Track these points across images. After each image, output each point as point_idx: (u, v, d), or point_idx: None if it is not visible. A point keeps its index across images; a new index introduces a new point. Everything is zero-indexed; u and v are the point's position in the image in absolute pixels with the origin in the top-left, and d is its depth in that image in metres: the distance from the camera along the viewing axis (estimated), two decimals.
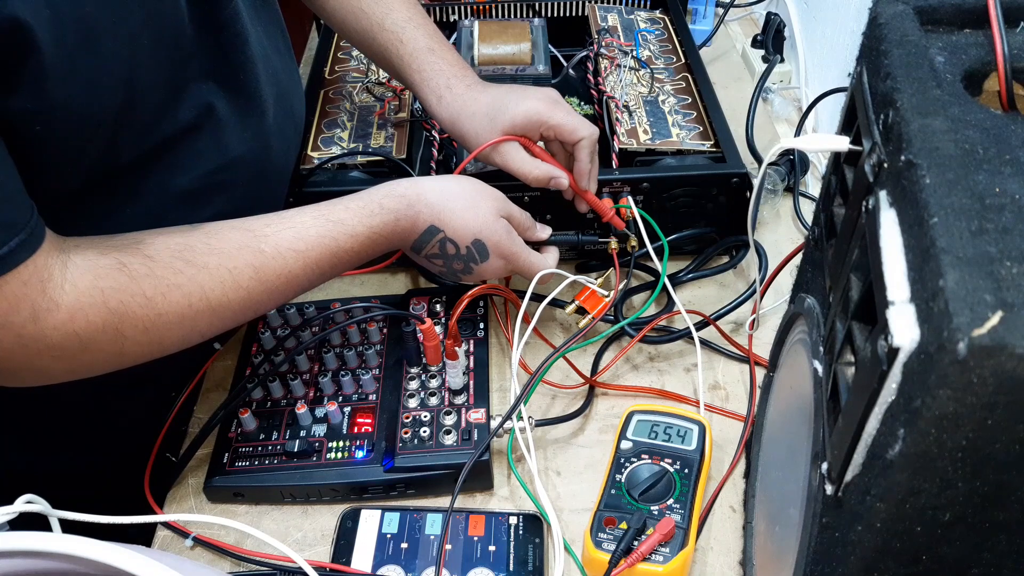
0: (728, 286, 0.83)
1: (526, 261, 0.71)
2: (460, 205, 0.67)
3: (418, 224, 0.66)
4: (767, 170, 0.88)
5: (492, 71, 0.94)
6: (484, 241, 0.67)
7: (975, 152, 0.34)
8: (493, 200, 0.69)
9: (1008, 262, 0.29)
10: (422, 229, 0.66)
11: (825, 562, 0.40)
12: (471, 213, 0.67)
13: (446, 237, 0.67)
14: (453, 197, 0.67)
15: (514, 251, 0.69)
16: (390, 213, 0.65)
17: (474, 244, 0.67)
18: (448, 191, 0.67)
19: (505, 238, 0.68)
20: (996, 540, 0.35)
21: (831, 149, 0.43)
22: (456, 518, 0.62)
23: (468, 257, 0.68)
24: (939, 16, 0.41)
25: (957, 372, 0.27)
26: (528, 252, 0.71)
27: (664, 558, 0.57)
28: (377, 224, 0.64)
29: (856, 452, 0.36)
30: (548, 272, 0.72)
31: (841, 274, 0.41)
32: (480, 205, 0.68)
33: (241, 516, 0.65)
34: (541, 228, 0.75)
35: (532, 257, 0.71)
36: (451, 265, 0.69)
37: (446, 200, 0.67)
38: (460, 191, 0.68)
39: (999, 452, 0.30)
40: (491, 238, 0.68)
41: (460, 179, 0.69)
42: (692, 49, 0.96)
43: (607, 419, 0.72)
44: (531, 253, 0.71)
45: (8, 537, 0.37)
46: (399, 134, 0.84)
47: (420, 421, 0.66)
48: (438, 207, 0.66)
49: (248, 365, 0.72)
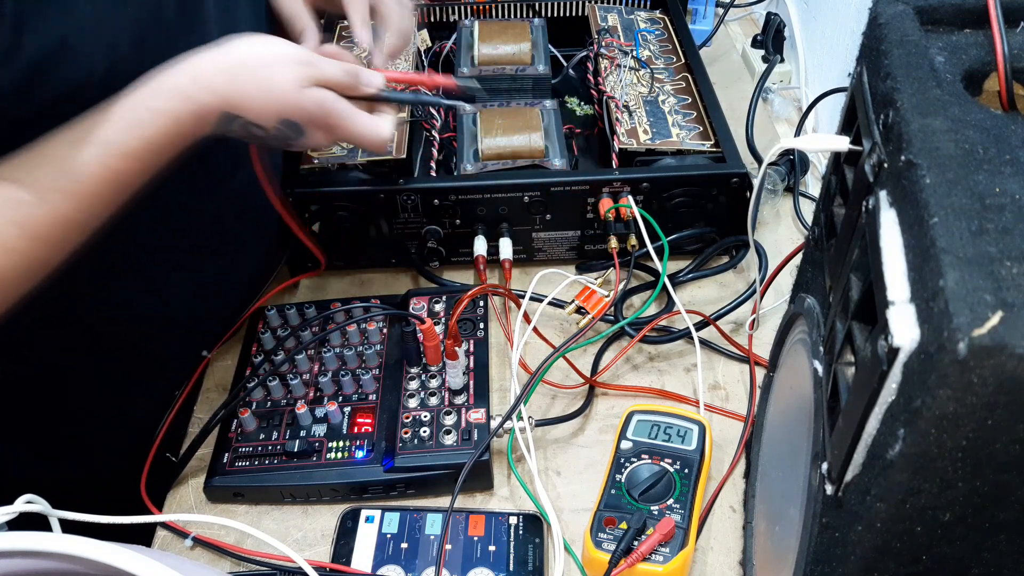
0: (728, 286, 0.83)
1: (353, 130, 0.61)
2: (251, 81, 0.56)
3: (205, 115, 0.56)
4: (767, 170, 0.88)
5: (492, 71, 0.94)
6: (292, 118, 0.58)
7: (975, 152, 0.34)
8: (293, 65, 0.58)
9: (1008, 262, 0.29)
10: (213, 120, 0.56)
11: (825, 562, 0.40)
12: (268, 90, 0.56)
13: (246, 121, 0.57)
14: (241, 72, 0.56)
15: (334, 121, 0.60)
16: (165, 115, 0.54)
17: (282, 123, 0.58)
18: (233, 66, 0.56)
19: (319, 109, 0.59)
20: (996, 540, 0.35)
21: (831, 149, 0.43)
22: (456, 518, 0.62)
23: (281, 136, 0.59)
24: (939, 16, 0.41)
25: (957, 372, 0.27)
26: (355, 120, 0.61)
27: (664, 558, 0.57)
28: (151, 133, 0.54)
29: (856, 452, 0.36)
30: (380, 139, 0.63)
31: (841, 274, 0.41)
32: (276, 77, 0.57)
33: (241, 516, 0.65)
34: (368, 81, 0.63)
35: (359, 125, 0.61)
36: (270, 143, 0.61)
37: (233, 79, 0.56)
38: (249, 61, 0.57)
39: (999, 452, 0.30)
40: (300, 113, 0.58)
41: (249, 43, 0.58)
42: (692, 49, 0.96)
43: (607, 419, 0.72)
44: (358, 119, 0.61)
45: (8, 537, 0.37)
46: (399, 134, 0.84)
47: (420, 421, 0.66)
48: (223, 89, 0.55)
49: (248, 365, 0.73)
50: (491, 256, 0.81)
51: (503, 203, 0.79)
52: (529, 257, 0.84)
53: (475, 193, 0.78)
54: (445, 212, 0.79)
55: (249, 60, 0.57)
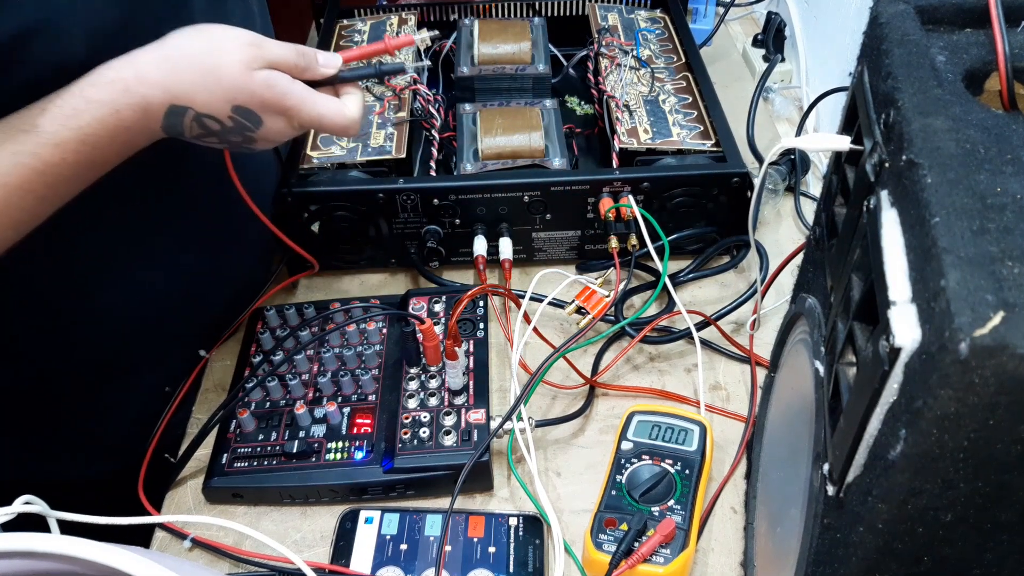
0: (729, 286, 0.83)
1: (313, 112, 0.59)
2: (195, 69, 0.54)
3: (151, 109, 0.54)
4: (768, 170, 0.87)
5: (492, 70, 0.94)
6: (244, 105, 0.56)
7: (976, 152, 0.34)
8: (238, 49, 0.56)
9: (1010, 262, 0.29)
10: (161, 114, 0.54)
11: (827, 563, 0.40)
12: (214, 77, 0.54)
13: (198, 114, 0.55)
14: (183, 62, 0.54)
15: (291, 104, 0.58)
16: (103, 106, 0.52)
17: (236, 112, 0.56)
18: (175, 57, 0.54)
19: (270, 92, 0.56)
20: (998, 541, 0.35)
21: (832, 149, 0.43)
22: (456, 519, 0.62)
23: (238, 128, 0.57)
24: (940, 15, 0.41)
25: (959, 372, 0.27)
26: (315, 101, 0.59)
27: (665, 559, 0.57)
28: (88, 123, 0.52)
29: (858, 453, 0.35)
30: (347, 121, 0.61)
31: (842, 274, 0.41)
32: (223, 62, 0.55)
33: (240, 517, 0.65)
34: (324, 61, 0.61)
35: (320, 107, 0.59)
36: (228, 140, 0.58)
37: (176, 70, 0.54)
38: (192, 52, 0.55)
39: (1001, 452, 0.30)
40: (251, 99, 0.56)
41: (192, 32, 0.56)
42: (692, 48, 0.96)
43: (607, 420, 0.71)
44: (318, 101, 0.59)
45: (7, 538, 0.37)
46: (399, 133, 0.84)
47: (420, 422, 0.66)
48: (167, 82, 0.54)
49: (247, 365, 0.72)
50: (491, 256, 0.81)
51: (503, 203, 0.79)
52: (529, 257, 0.84)
53: (475, 193, 0.78)
54: (445, 212, 0.79)
55: (192, 49, 0.55)
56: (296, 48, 0.59)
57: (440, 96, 0.92)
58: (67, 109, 0.51)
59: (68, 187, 0.54)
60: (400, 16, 1.01)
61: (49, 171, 0.51)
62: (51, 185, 0.52)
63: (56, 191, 0.53)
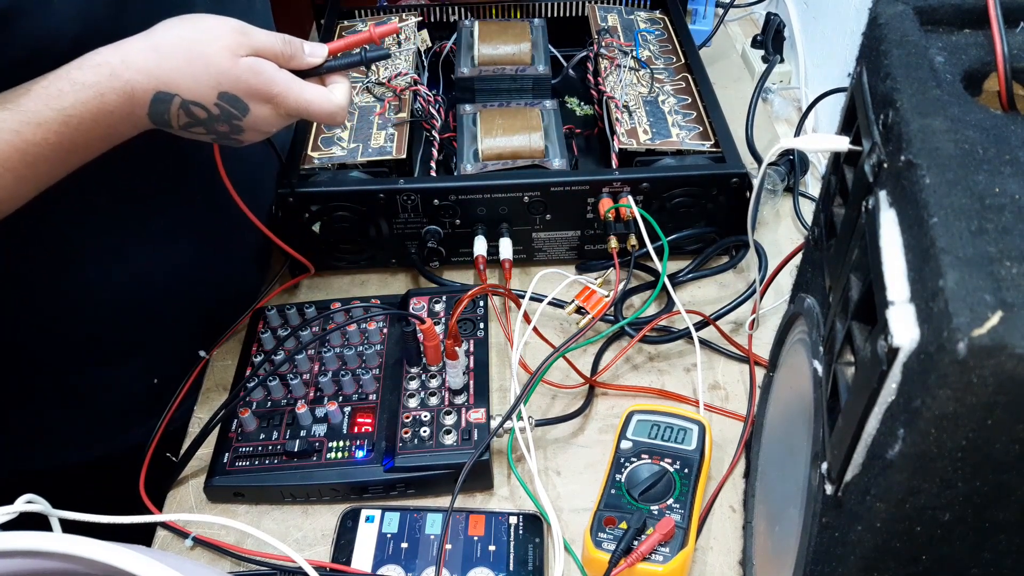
0: (728, 286, 0.83)
1: (300, 100, 0.59)
2: (181, 55, 0.55)
3: (136, 95, 0.54)
4: (767, 170, 0.88)
5: (492, 71, 0.94)
6: (230, 91, 0.56)
7: (975, 152, 0.34)
8: (224, 35, 0.56)
9: (1008, 262, 0.29)
10: (147, 100, 0.55)
11: (825, 562, 0.40)
12: (200, 63, 0.55)
13: (185, 100, 0.56)
14: (170, 50, 0.55)
15: (277, 91, 0.58)
16: (87, 88, 0.53)
17: (222, 98, 0.56)
18: (162, 45, 0.55)
19: (256, 79, 0.57)
20: (996, 540, 0.35)
21: (831, 149, 0.43)
22: (456, 518, 0.62)
23: (225, 116, 0.57)
24: (939, 16, 0.41)
25: (957, 372, 0.27)
26: (301, 88, 0.59)
27: (664, 558, 0.57)
28: (71, 105, 0.52)
29: (856, 452, 0.36)
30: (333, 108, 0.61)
31: (841, 274, 0.41)
32: (208, 49, 0.55)
33: (241, 516, 0.65)
34: (310, 51, 0.61)
35: (307, 93, 0.60)
36: (216, 130, 0.58)
37: (162, 57, 0.54)
38: (178, 39, 0.56)
39: (999, 452, 0.30)
40: (237, 85, 0.56)
41: (180, 20, 0.57)
42: (692, 49, 0.96)
43: (607, 419, 0.72)
44: (305, 89, 0.60)
45: (8, 537, 0.37)
46: (399, 134, 0.84)
47: (420, 421, 0.66)
48: (154, 68, 0.54)
49: (248, 365, 0.73)
50: (491, 256, 0.81)
51: (503, 203, 0.79)
52: (529, 257, 0.84)
53: (475, 193, 0.78)
54: (445, 212, 0.79)
55: (179, 36, 0.56)
56: (282, 37, 0.59)
57: (440, 97, 0.92)
58: (52, 90, 0.52)
59: (49, 168, 0.54)
60: (400, 16, 1.01)
61: (30, 150, 0.52)
62: (31, 164, 0.52)
63: (36, 171, 0.53)
